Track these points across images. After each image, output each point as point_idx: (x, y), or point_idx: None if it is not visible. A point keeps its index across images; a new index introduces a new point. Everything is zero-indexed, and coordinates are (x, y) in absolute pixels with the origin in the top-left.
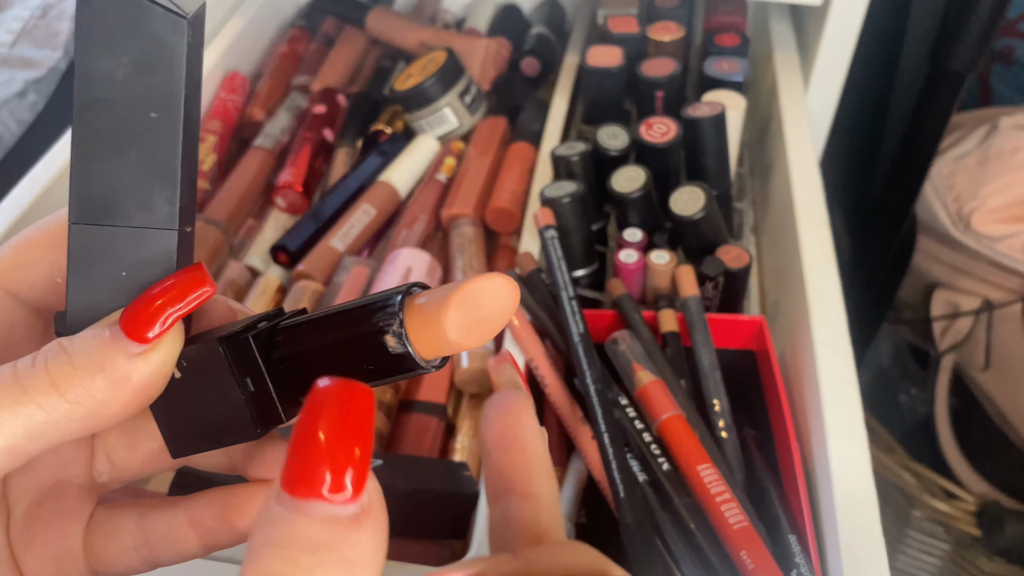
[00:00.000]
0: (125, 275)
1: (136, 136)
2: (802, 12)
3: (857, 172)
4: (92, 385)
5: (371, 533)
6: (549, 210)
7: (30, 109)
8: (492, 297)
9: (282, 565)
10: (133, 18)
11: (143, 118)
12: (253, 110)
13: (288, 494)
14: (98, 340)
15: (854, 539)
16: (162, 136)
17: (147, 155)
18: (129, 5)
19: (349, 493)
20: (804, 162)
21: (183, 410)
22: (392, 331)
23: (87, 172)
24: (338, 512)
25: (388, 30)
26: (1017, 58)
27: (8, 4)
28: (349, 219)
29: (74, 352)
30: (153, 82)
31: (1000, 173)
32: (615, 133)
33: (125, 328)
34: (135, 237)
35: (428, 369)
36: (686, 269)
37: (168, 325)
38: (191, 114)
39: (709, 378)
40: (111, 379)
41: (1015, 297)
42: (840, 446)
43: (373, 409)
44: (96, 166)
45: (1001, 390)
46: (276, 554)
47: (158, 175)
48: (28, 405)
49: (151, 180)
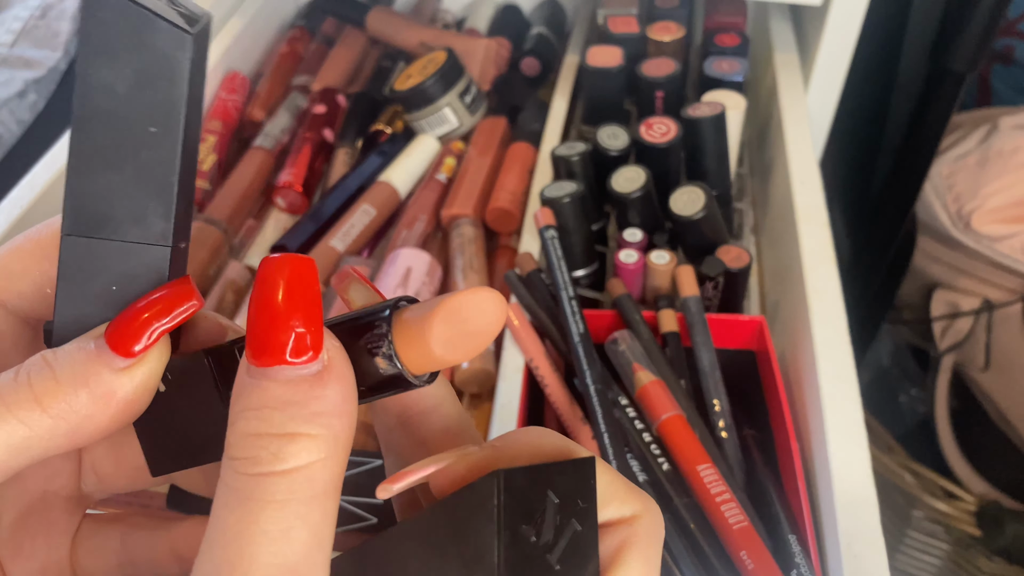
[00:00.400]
0: (115, 289)
1: (134, 150)
2: (802, 12)
3: (857, 172)
4: (76, 400)
5: (336, 386)
6: (549, 210)
7: (30, 109)
8: (478, 311)
9: (257, 424)
10: (137, 31)
11: (142, 132)
12: (253, 110)
13: (255, 364)
14: (82, 354)
15: (854, 539)
16: (160, 151)
17: (144, 170)
18: (134, 18)
19: (309, 354)
20: (804, 162)
21: (166, 426)
22: (382, 353)
23: (82, 184)
24: (301, 372)
25: (388, 30)
26: (1017, 58)
27: (8, 4)
28: (349, 219)
29: (58, 366)
30: (154, 97)
31: (1000, 173)
32: (615, 133)
33: (110, 342)
34: (127, 251)
35: (419, 385)
36: (686, 269)
37: (154, 339)
38: (191, 130)
39: (709, 378)
40: (95, 394)
41: (1015, 297)
42: (840, 446)
43: (317, 276)
44: (92, 178)
45: (1001, 390)
46: (251, 416)
47: (154, 190)
48: (10, 421)
49: (147, 195)
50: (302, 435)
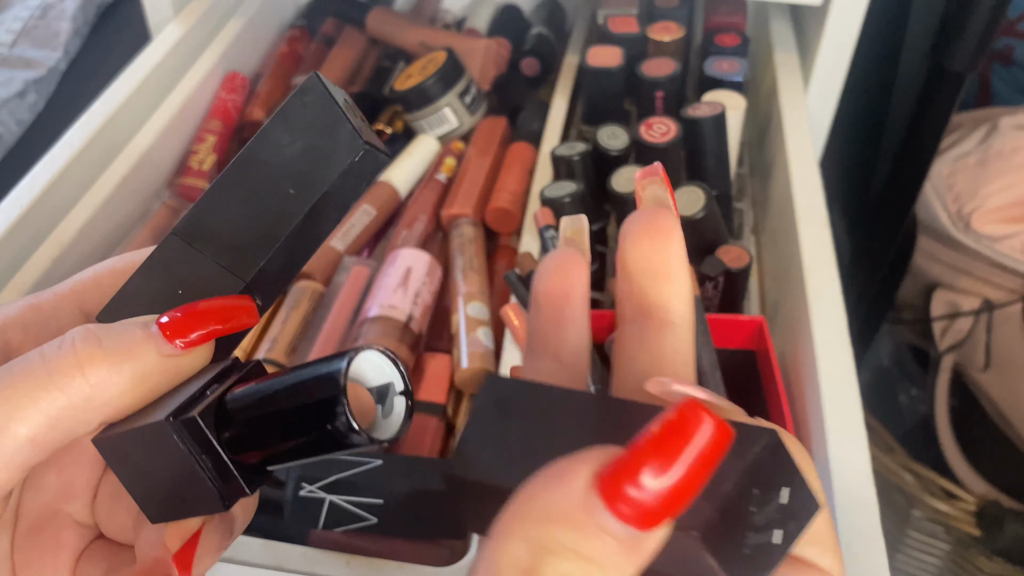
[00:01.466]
0: (181, 293)
1: (268, 198)
2: (802, 12)
3: (857, 172)
4: (117, 373)
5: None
6: (549, 210)
7: (30, 109)
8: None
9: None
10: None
11: (283, 190)
12: (253, 110)
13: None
14: (131, 331)
15: (854, 539)
16: (287, 210)
17: (266, 217)
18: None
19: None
20: (804, 162)
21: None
22: (339, 423)
23: (213, 203)
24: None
25: (388, 30)
26: (1017, 58)
27: (8, 4)
28: (349, 219)
29: (104, 337)
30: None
31: (1000, 173)
32: (615, 133)
33: (164, 328)
34: (209, 269)
35: (383, 443)
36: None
37: (207, 336)
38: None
39: (709, 378)
40: (136, 371)
41: (1015, 297)
42: (840, 446)
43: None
44: (223, 203)
45: (1001, 390)
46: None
47: (262, 236)
48: (51, 390)
49: (254, 236)
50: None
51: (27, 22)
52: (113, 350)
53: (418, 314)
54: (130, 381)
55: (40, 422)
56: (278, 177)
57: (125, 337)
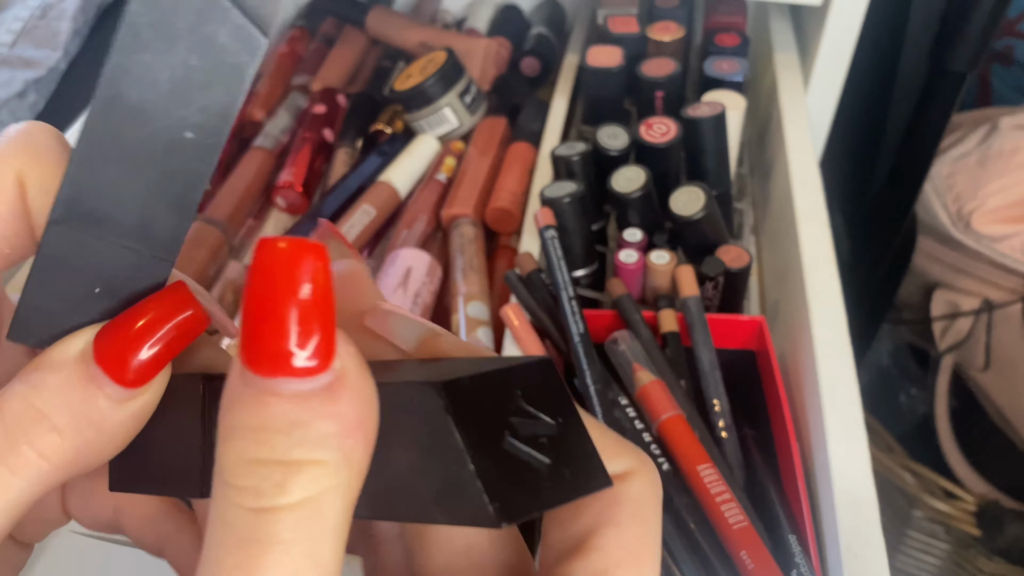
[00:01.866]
0: (99, 292)
1: (161, 153)
2: (802, 12)
3: (857, 172)
4: (82, 443)
5: (351, 401)
6: (549, 210)
7: (30, 109)
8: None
9: (257, 449)
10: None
11: (176, 136)
12: (253, 110)
13: (252, 371)
14: (72, 387)
15: (854, 539)
16: (191, 162)
17: (167, 176)
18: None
19: (316, 362)
20: (804, 162)
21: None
22: None
23: (88, 173)
24: (309, 385)
25: (388, 30)
26: (1017, 58)
27: (8, 4)
28: (349, 219)
29: (49, 410)
30: (201, 101)
31: (1000, 173)
32: (615, 133)
33: (104, 365)
34: (122, 257)
35: None
36: (686, 269)
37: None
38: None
39: (709, 378)
40: (102, 433)
41: (1015, 297)
42: (840, 446)
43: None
44: (101, 170)
45: (1001, 390)
46: (250, 438)
47: (173, 201)
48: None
49: (162, 204)
50: (311, 462)
51: (27, 22)
52: (72, 428)
53: (418, 314)
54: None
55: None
56: (164, 121)
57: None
